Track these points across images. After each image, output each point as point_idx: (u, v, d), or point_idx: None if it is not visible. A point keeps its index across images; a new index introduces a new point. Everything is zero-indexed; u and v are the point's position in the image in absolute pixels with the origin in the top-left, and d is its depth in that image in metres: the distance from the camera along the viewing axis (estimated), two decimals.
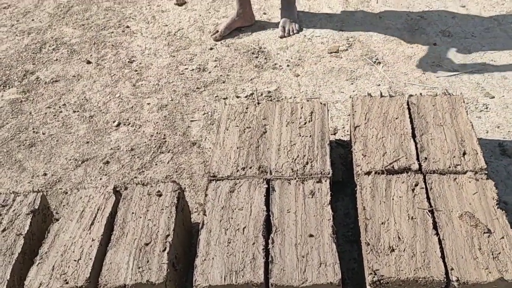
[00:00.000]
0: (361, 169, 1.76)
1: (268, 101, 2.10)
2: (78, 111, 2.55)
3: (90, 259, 1.57)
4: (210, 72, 2.70)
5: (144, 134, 2.39)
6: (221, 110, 2.08)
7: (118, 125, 2.45)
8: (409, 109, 1.96)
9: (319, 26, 2.92)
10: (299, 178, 1.76)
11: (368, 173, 1.74)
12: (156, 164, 2.24)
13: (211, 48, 2.84)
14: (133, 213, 1.71)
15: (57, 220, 1.71)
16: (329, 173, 1.77)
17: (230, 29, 2.89)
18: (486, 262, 1.46)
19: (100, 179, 2.20)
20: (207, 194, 1.74)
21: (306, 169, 1.78)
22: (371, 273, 1.46)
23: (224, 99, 2.52)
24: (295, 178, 1.75)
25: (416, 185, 1.69)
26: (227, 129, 1.96)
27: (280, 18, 2.92)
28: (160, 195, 1.75)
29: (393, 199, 1.65)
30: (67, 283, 1.51)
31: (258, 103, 2.07)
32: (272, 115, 2.01)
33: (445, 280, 1.44)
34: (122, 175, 2.20)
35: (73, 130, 2.45)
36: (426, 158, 1.77)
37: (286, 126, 1.95)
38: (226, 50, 2.83)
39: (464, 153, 1.77)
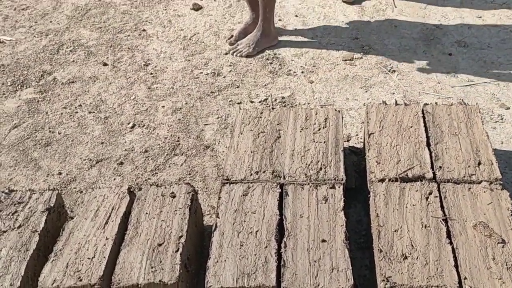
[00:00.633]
0: (374, 176, 1.76)
1: (283, 107, 2.10)
2: (93, 112, 2.58)
3: (104, 257, 1.58)
4: (225, 77, 2.72)
5: (158, 136, 2.41)
6: (236, 114, 2.09)
7: (133, 127, 2.47)
8: (424, 117, 1.96)
9: (334, 34, 2.93)
10: (312, 183, 1.76)
11: (382, 180, 1.74)
12: (169, 166, 2.26)
13: (226, 53, 2.86)
14: (146, 213, 1.72)
15: (72, 218, 1.73)
16: (342, 179, 1.77)
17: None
18: (499, 272, 1.46)
19: (114, 180, 2.21)
20: (220, 197, 1.74)
21: (319, 174, 1.79)
22: (383, 280, 1.46)
23: (238, 103, 2.54)
24: (308, 183, 1.76)
25: (430, 193, 1.68)
26: (241, 133, 1.97)
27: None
28: (174, 197, 1.76)
29: (406, 207, 1.65)
30: (80, 280, 1.52)
31: (273, 108, 2.08)
32: (287, 120, 2.01)
33: None
34: (135, 176, 2.22)
35: (88, 131, 2.47)
36: (440, 167, 1.77)
37: (300, 131, 1.96)
38: None
39: (479, 163, 1.77)
